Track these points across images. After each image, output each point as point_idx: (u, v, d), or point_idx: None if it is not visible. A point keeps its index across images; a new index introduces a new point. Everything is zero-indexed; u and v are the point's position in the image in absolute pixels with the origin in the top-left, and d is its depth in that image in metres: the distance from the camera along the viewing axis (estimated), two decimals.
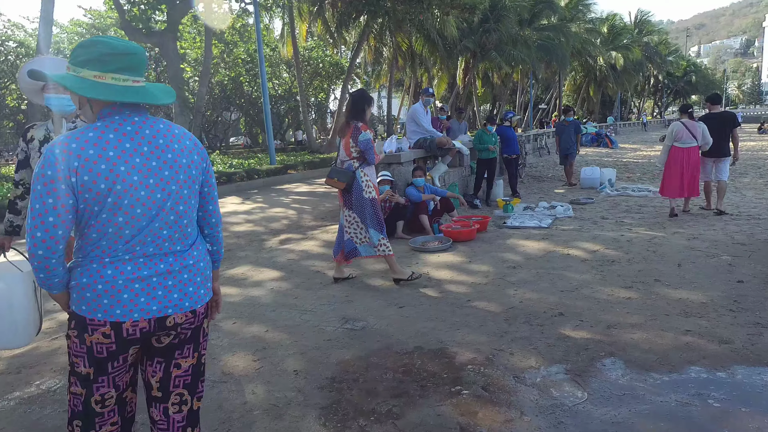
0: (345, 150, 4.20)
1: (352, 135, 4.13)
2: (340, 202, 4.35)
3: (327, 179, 4.29)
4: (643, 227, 6.42)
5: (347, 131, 4.17)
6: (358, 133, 4.11)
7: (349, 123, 4.16)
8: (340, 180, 4.17)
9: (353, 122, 4.14)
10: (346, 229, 4.27)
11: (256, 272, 4.93)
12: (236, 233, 7.23)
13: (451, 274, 4.40)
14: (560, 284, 3.95)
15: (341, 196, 4.29)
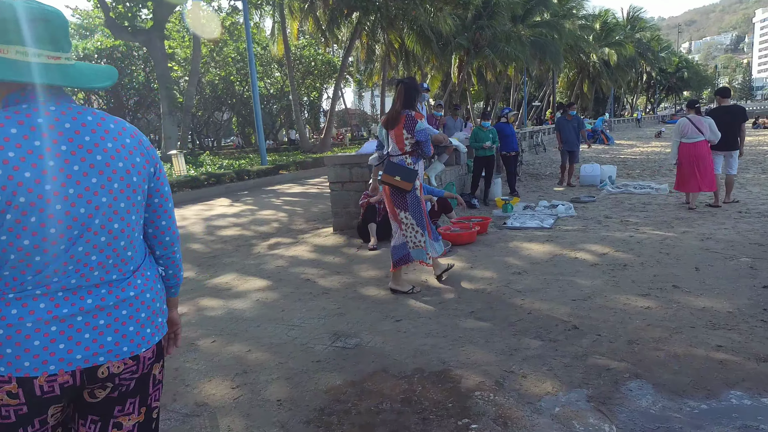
0: (396, 143, 3.78)
1: (405, 125, 3.72)
2: (389, 204, 3.90)
3: (385, 177, 3.73)
4: (649, 226, 6.12)
5: (398, 122, 3.74)
6: (412, 123, 3.71)
7: (400, 112, 3.74)
8: (404, 179, 3.70)
9: (405, 111, 3.73)
10: (403, 233, 3.85)
11: (242, 281, 4.58)
12: (223, 238, 6.87)
13: (452, 283, 4.07)
14: (571, 292, 3.63)
15: (391, 197, 3.84)
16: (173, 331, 1.47)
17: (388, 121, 3.83)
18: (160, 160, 1.31)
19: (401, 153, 3.77)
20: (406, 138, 3.74)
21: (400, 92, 3.75)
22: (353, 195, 6.18)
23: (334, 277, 4.49)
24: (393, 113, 3.81)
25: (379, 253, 5.19)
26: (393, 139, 3.80)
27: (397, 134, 3.76)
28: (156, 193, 1.27)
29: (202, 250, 6.25)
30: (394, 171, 3.73)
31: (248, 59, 15.59)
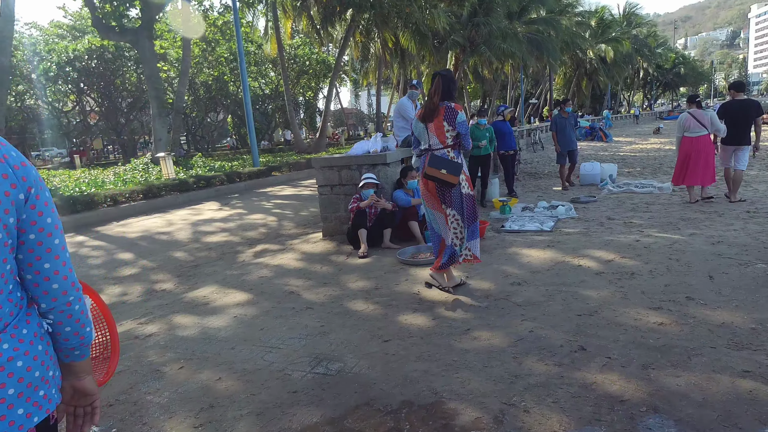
0: (437, 136, 3.60)
1: (445, 117, 3.56)
2: (434, 200, 3.68)
3: (430, 171, 3.51)
4: (654, 228, 5.82)
5: (437, 114, 3.57)
6: (453, 114, 3.56)
7: (438, 104, 3.56)
8: (451, 172, 3.50)
9: (444, 103, 3.57)
10: (453, 230, 3.65)
11: (221, 294, 4.26)
12: (208, 245, 6.56)
13: (446, 295, 3.76)
14: (576, 306, 3.32)
15: (437, 193, 3.63)
16: (89, 404, 1.15)
17: (425, 114, 3.64)
18: (40, 181, 1.00)
19: (443, 146, 3.61)
20: (447, 130, 3.58)
21: (438, 84, 3.58)
22: (343, 199, 5.87)
23: (320, 289, 4.18)
24: (431, 106, 3.61)
25: (370, 261, 4.88)
26: (433, 132, 3.62)
27: (437, 127, 3.59)
28: (31, 226, 0.97)
29: (185, 258, 5.94)
30: (440, 164, 3.54)
31: (239, 59, 15.25)
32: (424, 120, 3.67)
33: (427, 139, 3.67)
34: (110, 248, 6.70)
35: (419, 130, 3.73)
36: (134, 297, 4.56)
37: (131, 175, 12.81)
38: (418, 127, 3.72)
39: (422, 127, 3.69)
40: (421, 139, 3.75)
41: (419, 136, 3.76)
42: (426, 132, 3.67)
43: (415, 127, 3.77)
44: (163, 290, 4.69)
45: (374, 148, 5.79)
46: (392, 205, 5.37)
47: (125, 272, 5.48)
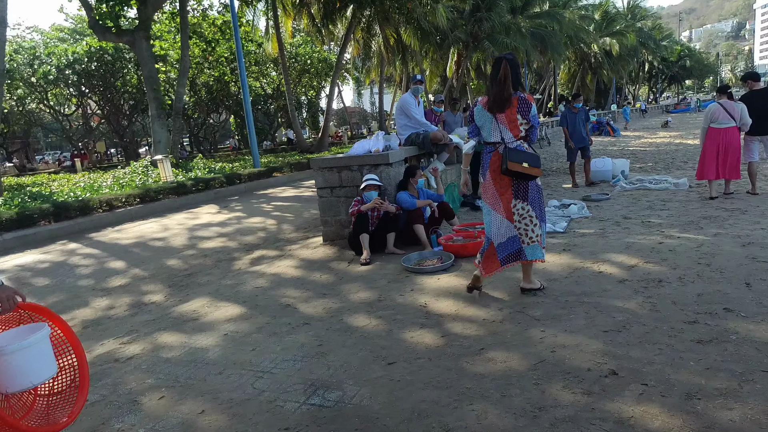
0: (510, 129, 3.33)
1: (519, 110, 3.30)
2: (502, 194, 3.40)
3: (513, 165, 3.24)
4: (675, 228, 5.47)
5: (510, 105, 3.28)
6: (527, 106, 3.30)
7: (511, 94, 3.27)
8: (532, 165, 3.29)
9: (518, 93, 3.29)
10: (517, 225, 3.40)
11: (213, 308, 3.95)
12: (204, 251, 6.26)
13: (456, 307, 3.44)
14: (600, 320, 2.99)
15: (510, 186, 3.37)
16: None
17: (495, 104, 3.32)
18: None
19: (516, 139, 3.36)
20: (520, 124, 3.33)
21: (506, 70, 3.25)
22: (344, 202, 5.55)
23: (318, 301, 3.86)
24: (501, 94, 3.28)
25: (372, 269, 4.56)
26: (504, 124, 3.34)
27: (510, 119, 3.32)
28: None
29: (179, 266, 5.64)
30: (520, 157, 3.28)
31: (237, 58, 14.96)
32: (492, 110, 3.34)
33: (498, 132, 3.37)
34: (102, 256, 6.42)
35: (484, 120, 3.40)
36: (121, 311, 4.27)
37: (130, 178, 12.55)
38: (484, 117, 3.40)
39: (490, 118, 3.37)
40: (485, 131, 3.43)
41: (482, 127, 3.44)
42: (495, 123, 3.36)
43: (479, 117, 3.44)
44: (152, 303, 4.39)
45: (376, 147, 5.47)
46: (396, 208, 5.05)
47: (114, 283, 5.19)
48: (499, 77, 3.28)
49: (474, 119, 3.50)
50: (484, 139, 3.48)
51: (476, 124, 3.50)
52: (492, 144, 3.43)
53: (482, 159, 3.52)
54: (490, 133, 3.41)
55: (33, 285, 5.35)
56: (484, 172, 3.48)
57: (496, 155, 3.40)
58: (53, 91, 29.99)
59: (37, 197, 8.98)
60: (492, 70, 3.37)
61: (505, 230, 3.42)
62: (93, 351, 3.34)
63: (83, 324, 4.02)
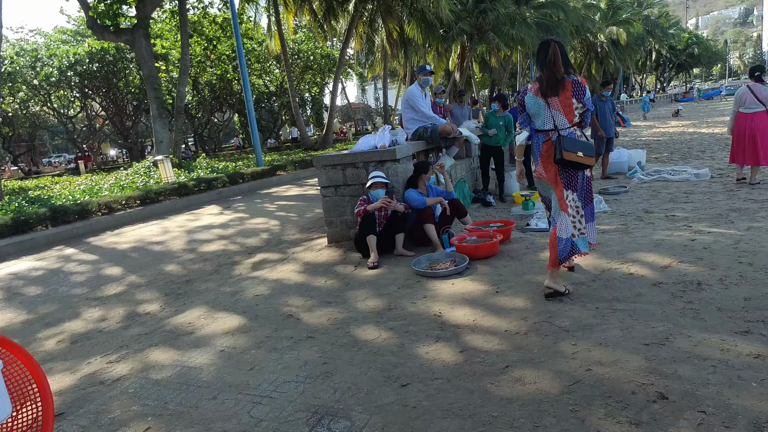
0: (565, 114, 3.18)
1: (574, 93, 3.14)
2: (556, 183, 3.24)
3: (568, 155, 3.06)
4: (704, 222, 5.13)
5: (564, 88, 3.13)
6: (581, 89, 3.15)
7: (564, 77, 3.12)
8: (587, 154, 3.13)
9: (571, 77, 3.15)
10: (572, 219, 3.22)
11: (210, 319, 3.67)
12: (204, 255, 5.98)
13: (474, 316, 3.12)
14: (639, 330, 2.66)
15: (559, 177, 3.21)
16: None
17: (547, 88, 3.16)
18: None
19: (570, 125, 3.20)
20: (576, 108, 3.18)
21: (556, 53, 3.11)
22: (349, 201, 5.24)
23: (323, 310, 3.56)
24: (553, 77, 3.13)
25: (381, 273, 4.25)
26: (559, 109, 3.18)
27: (565, 104, 3.16)
28: None
29: (177, 272, 5.37)
30: (575, 146, 3.12)
31: (238, 55, 14.66)
32: (545, 95, 3.16)
33: (550, 118, 3.19)
34: (98, 262, 6.16)
35: (536, 107, 3.23)
36: (113, 323, 3.99)
37: (131, 179, 12.32)
38: (535, 104, 3.23)
39: (542, 104, 3.20)
40: (539, 119, 3.25)
41: (535, 115, 3.27)
42: (547, 109, 3.19)
43: (532, 105, 3.26)
44: (147, 313, 4.11)
45: (382, 143, 5.15)
46: (405, 207, 4.73)
47: (109, 291, 4.92)
48: (548, 60, 3.13)
49: (525, 108, 3.32)
50: (536, 127, 3.30)
51: (528, 112, 3.32)
52: (544, 132, 3.25)
53: (533, 147, 3.36)
54: (543, 121, 3.24)
55: (25, 295, 5.09)
56: (536, 159, 3.33)
57: (548, 142, 3.22)
58: (56, 94, 29.88)
59: (35, 201, 8.75)
60: (539, 54, 3.21)
61: (564, 220, 3.22)
62: (78, 371, 3.06)
63: (72, 338, 3.74)
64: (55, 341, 3.74)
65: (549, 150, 3.23)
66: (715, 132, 14.95)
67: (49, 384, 1.95)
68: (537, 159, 3.33)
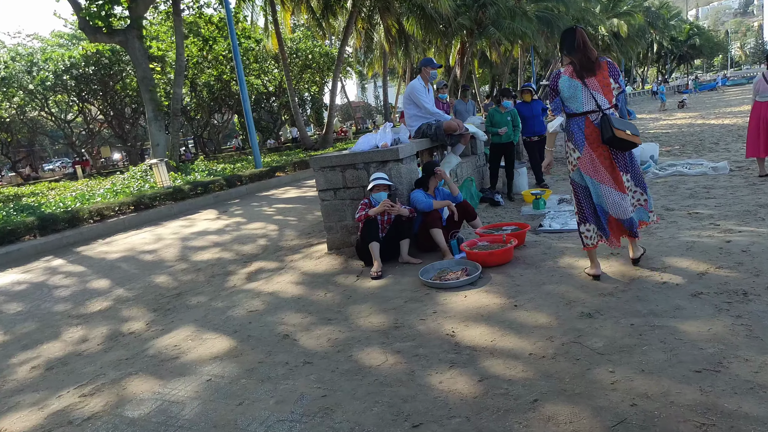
0: (604, 94, 3.16)
1: (610, 73, 3.16)
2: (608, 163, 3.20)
3: (618, 132, 3.03)
4: (732, 220, 4.76)
5: (600, 68, 3.15)
6: (616, 69, 3.19)
7: (598, 58, 3.16)
8: (634, 133, 3.12)
9: (604, 58, 3.19)
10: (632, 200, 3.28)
11: (197, 341, 3.32)
12: (197, 264, 5.64)
13: (492, 335, 2.77)
14: (685, 353, 2.30)
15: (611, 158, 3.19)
16: None
17: (582, 69, 3.15)
18: None
19: (610, 105, 3.18)
20: (613, 88, 3.19)
21: (583, 36, 3.18)
22: (349, 204, 4.89)
23: (322, 329, 3.21)
24: (588, 58, 3.15)
25: (385, 284, 3.90)
26: (598, 90, 3.15)
27: (603, 84, 3.15)
28: None
29: (168, 284, 5.03)
30: (623, 125, 3.10)
31: (234, 55, 14.32)
32: (582, 76, 3.15)
33: (592, 100, 3.15)
34: (86, 274, 5.82)
35: (573, 89, 3.18)
36: (93, 345, 3.65)
37: (127, 184, 11.99)
38: (572, 86, 3.18)
39: (578, 85, 3.16)
40: (575, 101, 3.19)
41: (571, 97, 3.20)
42: (585, 91, 3.15)
43: (568, 87, 3.20)
44: (131, 333, 3.77)
45: (383, 142, 4.79)
46: (410, 211, 4.38)
47: (94, 307, 4.58)
48: (577, 44, 3.15)
49: (559, 92, 3.26)
50: (572, 110, 3.22)
51: (562, 96, 3.26)
52: (582, 114, 3.19)
53: (569, 132, 3.27)
54: (582, 103, 3.18)
55: (4, 312, 4.76)
56: (580, 145, 3.21)
57: (590, 125, 3.17)
58: (54, 98, 29.61)
59: (24, 210, 8.42)
60: (564, 42, 3.20)
61: (623, 203, 3.19)
62: (46, 407, 2.72)
63: (47, 364, 3.40)
64: (29, 367, 3.40)
65: (593, 133, 3.16)
66: (725, 123, 14.54)
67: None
68: (581, 143, 3.20)
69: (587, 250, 3.37)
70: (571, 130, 3.25)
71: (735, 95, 31.02)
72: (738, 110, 18.74)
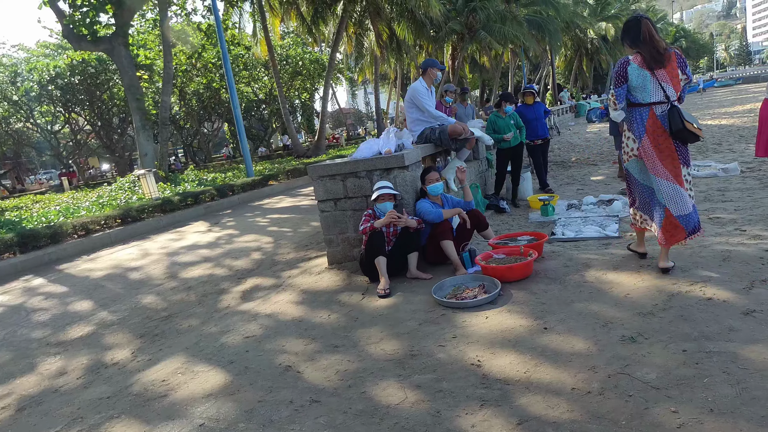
0: (673, 85, 3.13)
1: (679, 64, 3.14)
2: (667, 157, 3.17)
3: (688, 124, 3.05)
4: (758, 225, 4.48)
5: (669, 60, 3.11)
6: (684, 61, 3.17)
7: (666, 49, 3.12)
8: (699, 126, 3.12)
9: (673, 48, 3.15)
10: (690, 193, 3.23)
11: (188, 375, 2.96)
12: (187, 282, 5.27)
13: (524, 365, 2.44)
14: (756, 387, 1.99)
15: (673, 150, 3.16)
16: None
17: (651, 60, 3.11)
18: None
19: (676, 96, 3.17)
20: (681, 79, 3.16)
21: (649, 28, 3.13)
22: (351, 215, 4.56)
23: (329, 358, 2.87)
24: (656, 49, 3.11)
25: (395, 302, 3.56)
26: (667, 81, 3.11)
27: (672, 74, 3.12)
28: None
29: (156, 305, 4.65)
30: (691, 118, 3.10)
31: (223, 62, 13.97)
32: (651, 67, 3.11)
33: (660, 90, 3.12)
34: (67, 294, 5.42)
35: (642, 78, 3.14)
36: (72, 379, 3.27)
37: (114, 195, 11.57)
38: (641, 75, 3.14)
39: (647, 75, 3.13)
40: (644, 91, 3.16)
41: (639, 86, 3.16)
42: (653, 82, 3.12)
43: (636, 76, 3.16)
44: (114, 364, 3.40)
45: (386, 148, 4.47)
46: (417, 222, 4.05)
47: (74, 333, 4.19)
48: (643, 36, 3.12)
49: (626, 79, 3.20)
50: (638, 100, 3.20)
51: (630, 84, 3.20)
52: (647, 105, 3.16)
53: (630, 121, 3.27)
54: (649, 92, 3.15)
55: None
56: (639, 135, 3.21)
57: (653, 117, 3.16)
58: (39, 109, 29.02)
59: (3, 225, 7.99)
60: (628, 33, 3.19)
61: (681, 196, 3.16)
62: None
63: (19, 404, 3.02)
64: None
65: (655, 124, 3.14)
66: (723, 123, 14.42)
67: None
68: (641, 133, 3.20)
69: (635, 229, 3.53)
70: (633, 119, 3.24)
71: (725, 96, 31.12)
72: (733, 110, 18.68)
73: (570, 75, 51.69)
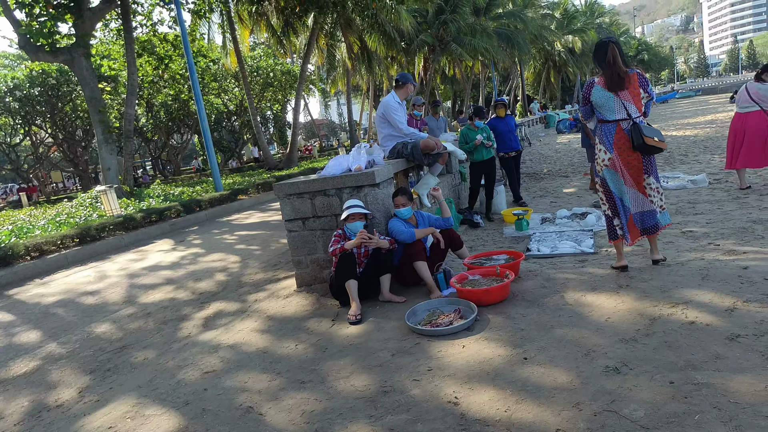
0: (635, 104, 3.47)
1: (641, 83, 3.47)
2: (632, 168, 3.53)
3: (648, 139, 3.36)
4: (730, 239, 4.48)
5: (631, 81, 3.44)
6: (645, 80, 3.50)
7: (628, 72, 3.43)
8: (660, 139, 3.42)
9: (634, 70, 3.47)
10: (651, 198, 3.57)
11: (138, 419, 2.68)
12: (145, 308, 4.95)
13: (505, 402, 2.27)
14: (747, 423, 1.86)
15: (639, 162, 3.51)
16: None
17: (614, 83, 3.45)
18: None
19: (639, 114, 3.50)
20: (642, 98, 3.50)
21: (614, 53, 3.44)
22: (320, 236, 4.34)
23: (295, 396, 2.64)
24: (617, 74, 3.43)
25: (367, 330, 3.36)
26: (629, 100, 3.46)
27: (634, 95, 3.48)
28: None
29: (110, 334, 4.33)
30: (652, 132, 3.42)
31: (190, 74, 13.61)
32: (613, 88, 3.45)
33: (623, 109, 3.46)
34: (14, 324, 5.02)
35: (605, 98, 3.49)
36: (9, 426, 2.94)
37: (73, 213, 11.02)
38: (604, 96, 3.50)
39: (610, 96, 3.48)
40: (607, 110, 3.51)
41: (603, 106, 3.52)
42: (617, 101, 3.47)
43: (599, 96, 3.51)
44: (57, 407, 3.08)
45: (357, 164, 4.28)
46: (390, 242, 3.87)
47: (17, 369, 3.84)
48: (607, 60, 3.42)
49: (590, 99, 3.55)
50: (604, 117, 3.52)
51: (593, 103, 3.54)
52: (614, 122, 3.48)
53: (601, 136, 3.55)
54: (613, 111, 3.48)
55: None
56: (609, 148, 3.51)
57: (620, 132, 3.48)
58: None
59: None
60: (596, 54, 3.50)
61: (641, 202, 3.55)
62: None
63: None
64: None
65: (622, 138, 3.45)
66: (687, 134, 14.80)
67: None
68: (609, 147, 3.50)
69: (613, 243, 3.71)
70: (603, 134, 3.54)
71: (687, 107, 32.21)
72: (695, 121, 19.26)
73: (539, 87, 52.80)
